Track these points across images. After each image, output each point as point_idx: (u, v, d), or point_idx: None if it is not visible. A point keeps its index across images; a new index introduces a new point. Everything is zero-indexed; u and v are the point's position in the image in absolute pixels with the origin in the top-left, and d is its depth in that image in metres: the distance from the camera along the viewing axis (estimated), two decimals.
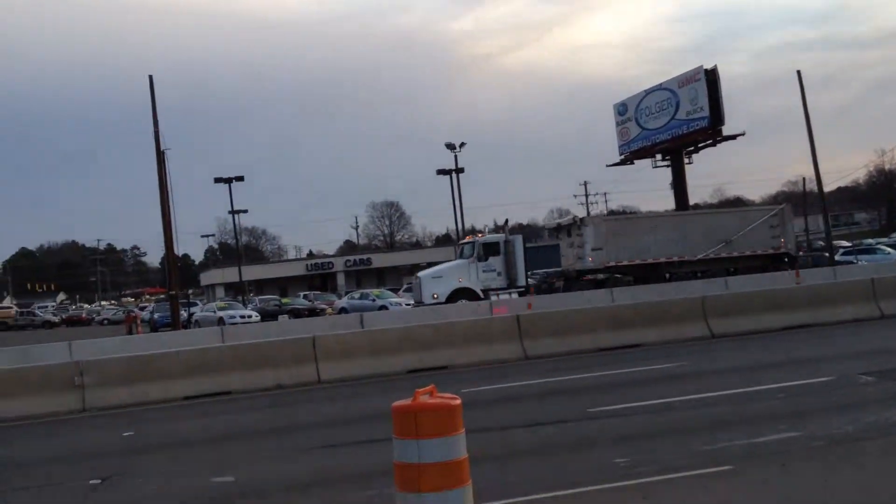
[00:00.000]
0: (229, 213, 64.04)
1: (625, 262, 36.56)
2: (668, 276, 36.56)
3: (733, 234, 37.89)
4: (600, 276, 36.13)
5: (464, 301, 32.86)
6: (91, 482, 9.32)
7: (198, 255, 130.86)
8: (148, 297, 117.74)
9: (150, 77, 40.20)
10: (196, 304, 61.99)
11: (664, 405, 11.16)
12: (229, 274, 77.58)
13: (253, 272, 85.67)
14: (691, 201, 53.40)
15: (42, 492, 9.27)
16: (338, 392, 15.28)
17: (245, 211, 67.15)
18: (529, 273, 38.88)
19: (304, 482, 8.70)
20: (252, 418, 13.46)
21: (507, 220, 39.63)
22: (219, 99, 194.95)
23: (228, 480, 8.97)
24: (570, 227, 39.10)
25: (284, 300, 62.15)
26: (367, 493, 7.84)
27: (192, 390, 15.84)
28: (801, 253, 41.94)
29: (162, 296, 79.40)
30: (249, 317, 45.75)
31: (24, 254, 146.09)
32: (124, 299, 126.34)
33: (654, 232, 37.61)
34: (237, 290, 71.31)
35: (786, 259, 38.75)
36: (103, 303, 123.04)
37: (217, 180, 59.54)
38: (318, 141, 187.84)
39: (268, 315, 49.07)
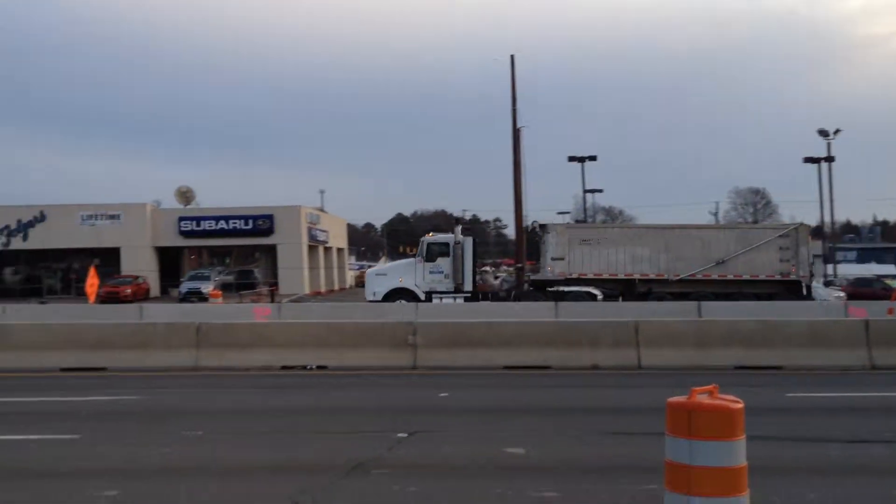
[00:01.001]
0: (585, 192, 65.00)
1: (590, 276, 33.06)
2: (647, 293, 32.32)
3: (729, 254, 32.68)
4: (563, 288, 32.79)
5: (402, 301, 31.25)
6: (398, 435, 9.95)
7: None
8: (505, 267, 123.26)
9: (512, 57, 41.86)
10: None
11: None
12: None
13: None
14: None
15: (350, 437, 10.09)
16: (655, 380, 14.86)
17: (600, 190, 67.63)
18: None
19: (586, 466, 8.61)
20: (560, 395, 13.57)
21: (458, 219, 36.23)
22: (588, 76, 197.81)
23: (518, 452, 9.12)
24: (534, 234, 35.60)
25: None
26: (647, 487, 7.55)
27: (512, 360, 16.33)
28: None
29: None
30: (593, 295, 45.86)
31: (400, 219, 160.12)
32: (482, 268, 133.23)
33: (629, 244, 33.49)
34: None
35: (803, 287, 32.59)
36: None
37: (571, 159, 60.58)
38: (681, 121, 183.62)
39: (611, 295, 48.96)
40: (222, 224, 58.48)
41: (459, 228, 35.38)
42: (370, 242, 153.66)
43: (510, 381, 15.18)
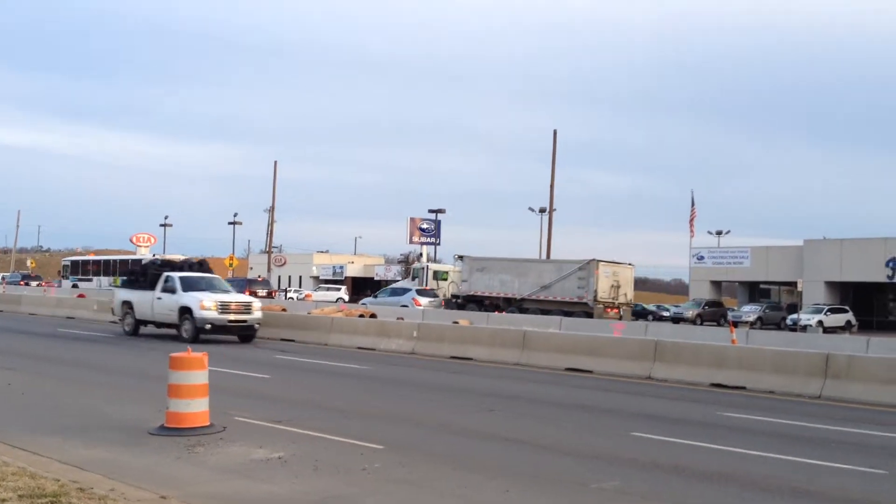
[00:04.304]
0: None
1: (479, 293, 46.59)
2: (492, 305, 44.77)
3: (552, 279, 44.65)
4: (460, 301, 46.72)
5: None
6: None
7: None
8: None
9: None
10: None
11: None
12: None
13: None
14: None
15: None
16: None
17: None
18: None
19: None
20: None
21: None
22: None
23: None
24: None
25: None
26: None
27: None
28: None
29: None
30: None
31: None
32: None
33: (502, 272, 46.49)
34: None
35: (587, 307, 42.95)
36: None
37: None
38: None
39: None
40: None
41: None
42: None
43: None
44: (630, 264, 46.98)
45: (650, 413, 13.73)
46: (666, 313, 62.65)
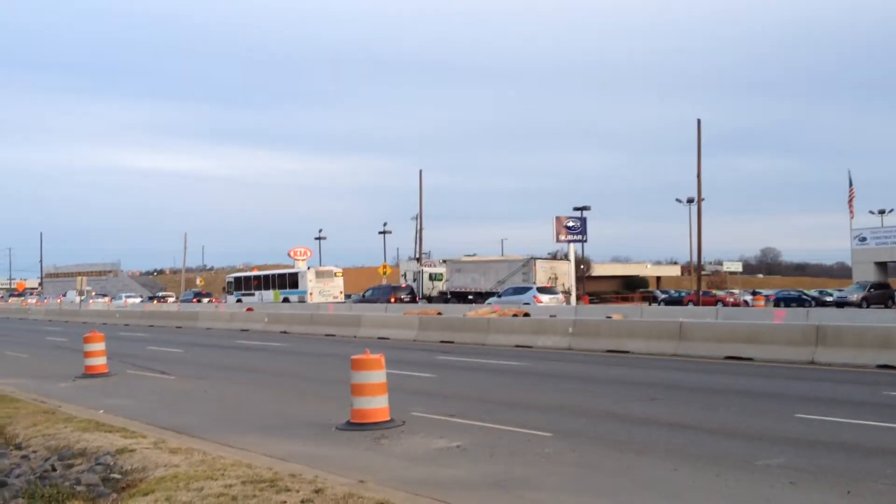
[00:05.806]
0: None
1: (459, 289, 59.13)
2: (471, 298, 56.66)
3: (505, 276, 57.40)
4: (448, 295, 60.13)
5: None
6: None
7: None
8: None
9: None
10: None
11: None
12: None
13: None
14: None
15: None
16: None
17: None
18: None
19: None
20: None
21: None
22: None
23: None
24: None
25: None
26: None
27: None
28: None
29: None
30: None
31: None
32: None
33: (472, 272, 60.12)
34: None
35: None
36: None
37: None
38: None
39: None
40: None
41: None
42: None
43: None
44: (566, 258, 59.63)
45: (814, 395, 13.77)
46: (829, 298, 60.29)
